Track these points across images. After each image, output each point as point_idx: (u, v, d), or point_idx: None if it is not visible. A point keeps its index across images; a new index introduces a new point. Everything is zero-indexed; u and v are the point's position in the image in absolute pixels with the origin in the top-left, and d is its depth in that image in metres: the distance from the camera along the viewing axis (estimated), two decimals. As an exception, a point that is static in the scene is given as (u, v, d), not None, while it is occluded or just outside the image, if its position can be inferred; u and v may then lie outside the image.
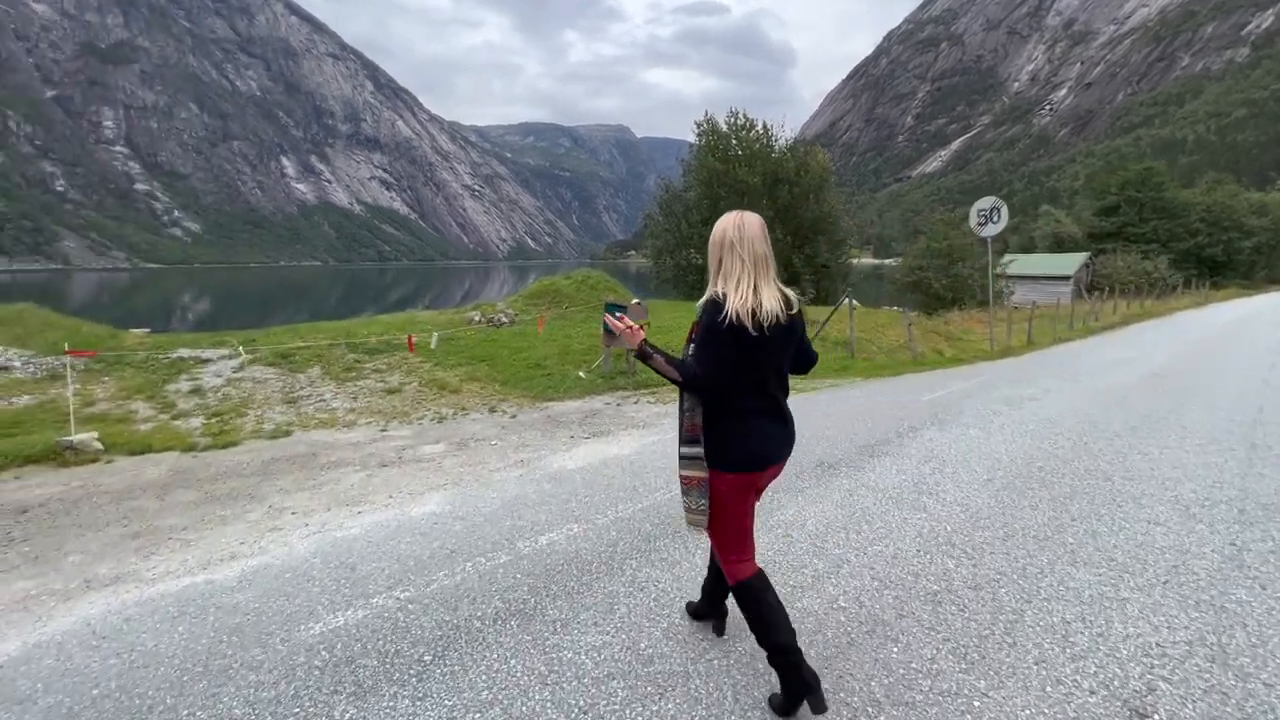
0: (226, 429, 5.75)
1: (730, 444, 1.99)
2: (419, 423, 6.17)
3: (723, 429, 1.99)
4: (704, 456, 2.01)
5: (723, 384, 1.94)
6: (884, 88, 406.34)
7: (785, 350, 2.06)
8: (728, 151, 21.97)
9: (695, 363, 1.94)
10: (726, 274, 1.95)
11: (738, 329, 1.88)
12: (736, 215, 2.01)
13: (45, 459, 4.89)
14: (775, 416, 2.08)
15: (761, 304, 1.91)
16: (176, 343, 9.58)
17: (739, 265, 1.94)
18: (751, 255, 1.94)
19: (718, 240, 2.00)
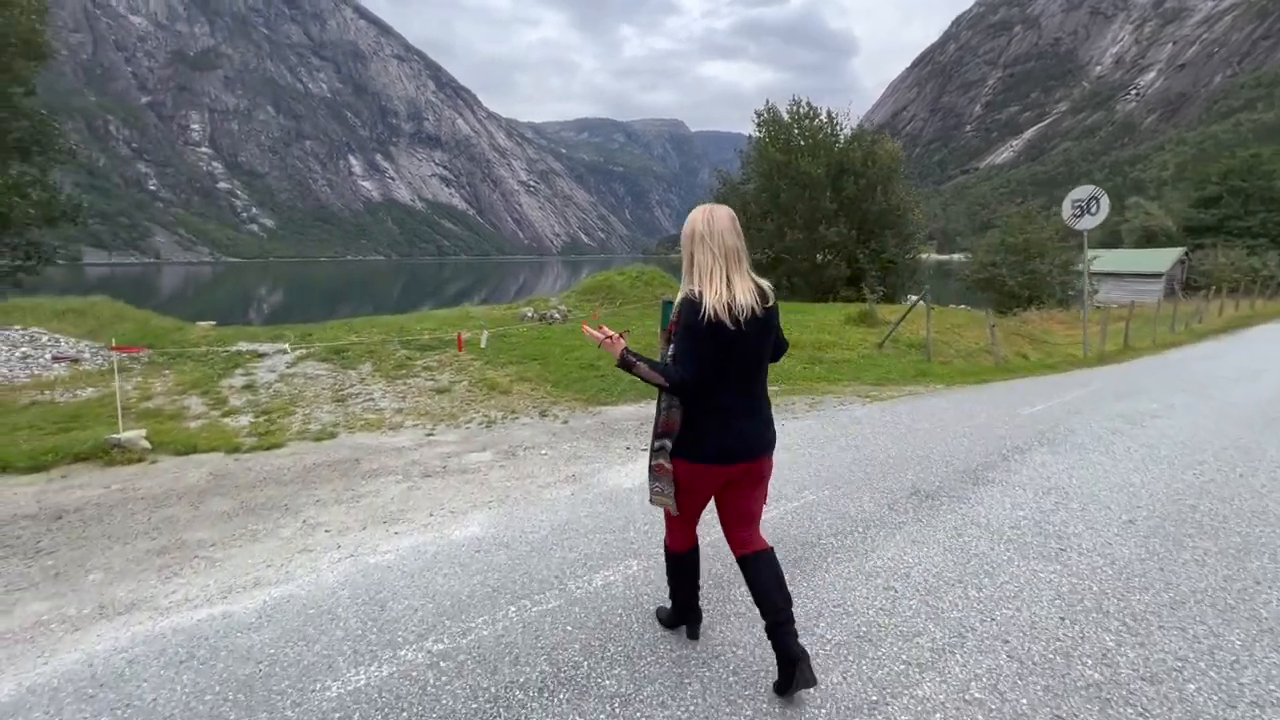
0: (273, 429, 5.57)
1: (706, 440, 2.01)
2: (467, 427, 5.84)
3: (700, 425, 2.01)
4: (670, 450, 2.07)
5: (705, 382, 1.94)
6: (951, 75, 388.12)
7: (763, 343, 2.04)
8: (789, 142, 21.01)
9: (678, 365, 1.94)
10: (699, 269, 1.94)
11: (716, 325, 1.88)
12: (706, 209, 2.00)
13: (94, 456, 4.79)
14: (753, 412, 2.08)
15: (736, 298, 1.91)
16: (238, 336, 9.68)
17: (710, 259, 1.93)
18: (722, 248, 1.93)
19: (688, 235, 1.99)
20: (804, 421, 6.13)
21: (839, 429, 5.78)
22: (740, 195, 22.49)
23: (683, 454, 2.06)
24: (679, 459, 2.07)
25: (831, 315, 13.58)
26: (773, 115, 21.41)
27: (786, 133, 21.25)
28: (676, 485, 2.12)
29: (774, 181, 20.67)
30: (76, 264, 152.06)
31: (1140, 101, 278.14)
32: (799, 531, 3.46)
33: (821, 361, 9.70)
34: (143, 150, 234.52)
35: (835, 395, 7.55)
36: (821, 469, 4.54)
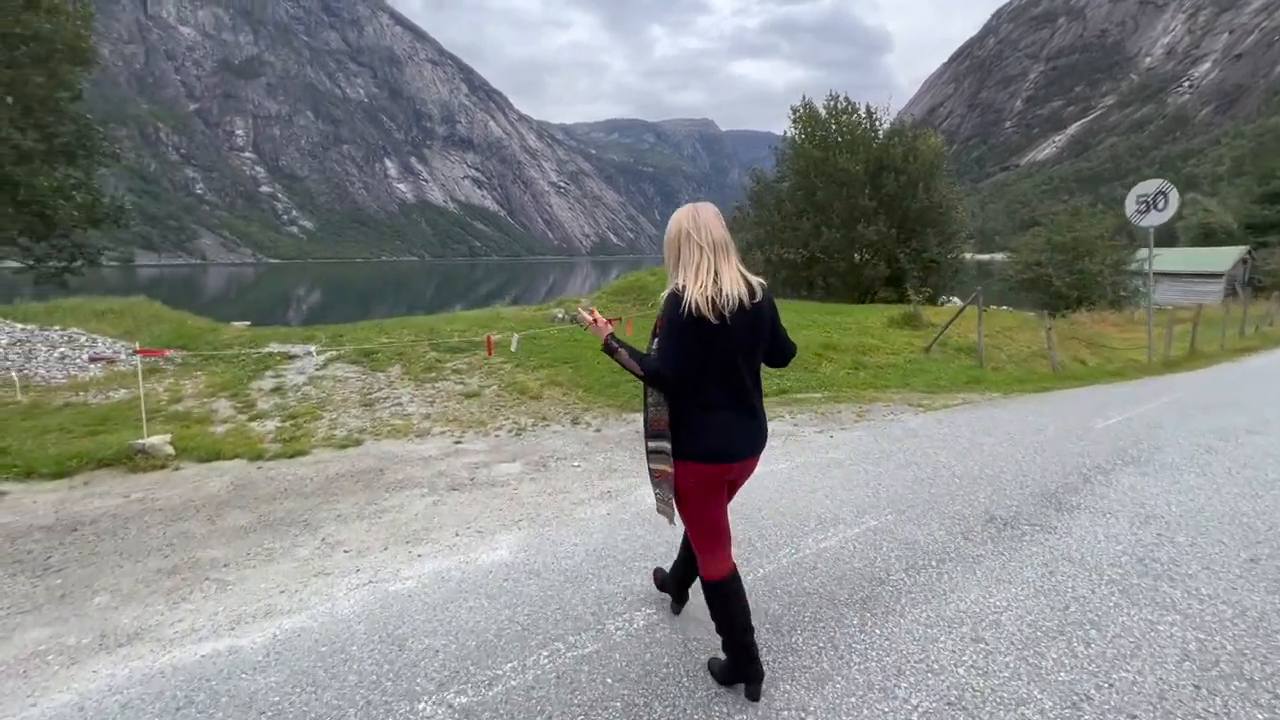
0: (298, 435, 5.39)
1: (694, 437, 1.94)
2: (496, 435, 5.58)
3: (688, 422, 1.95)
4: (669, 451, 1.97)
5: (685, 377, 1.89)
6: (990, 70, 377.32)
7: (752, 338, 1.97)
8: (826, 138, 20.39)
9: (658, 357, 1.90)
10: (685, 264, 1.91)
11: (698, 319, 1.84)
12: (689, 207, 1.98)
13: (118, 462, 4.67)
14: (742, 409, 2.00)
15: (721, 290, 1.86)
16: (270, 337, 9.65)
17: (698, 253, 1.89)
18: (710, 241, 1.90)
19: (673, 235, 1.96)
20: (853, 433, 5.70)
21: (893, 442, 5.34)
22: (775, 194, 21.93)
23: (681, 454, 1.96)
24: (679, 460, 1.96)
25: (873, 317, 13.01)
26: (809, 111, 20.80)
27: (824, 129, 20.63)
28: (677, 493, 2.02)
29: (810, 179, 20.07)
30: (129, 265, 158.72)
31: (1194, 94, 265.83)
32: (863, 564, 3.08)
33: (865, 366, 9.21)
34: (190, 156, 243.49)
35: (884, 403, 7.09)
36: (880, 489, 4.13)
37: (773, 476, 4.38)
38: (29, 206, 10.56)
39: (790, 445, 5.26)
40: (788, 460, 4.78)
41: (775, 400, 7.04)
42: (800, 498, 3.95)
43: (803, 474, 4.43)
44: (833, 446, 5.18)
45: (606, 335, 2.02)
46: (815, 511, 3.73)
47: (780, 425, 5.99)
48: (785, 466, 4.62)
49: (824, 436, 5.57)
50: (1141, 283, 30.44)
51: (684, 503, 2.03)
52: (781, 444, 5.31)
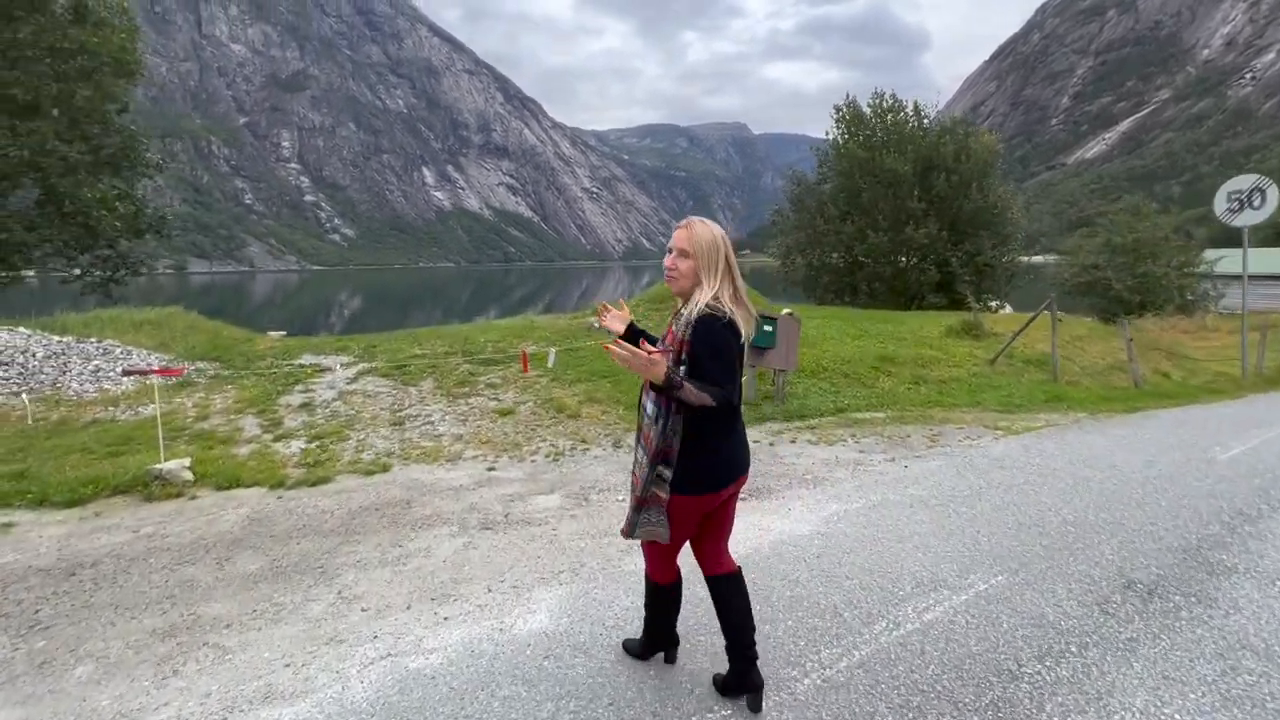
0: (323, 458, 5.04)
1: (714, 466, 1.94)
2: (532, 460, 5.13)
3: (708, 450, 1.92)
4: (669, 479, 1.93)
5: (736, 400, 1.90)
6: (1035, 66, 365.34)
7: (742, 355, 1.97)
8: (871, 138, 19.56)
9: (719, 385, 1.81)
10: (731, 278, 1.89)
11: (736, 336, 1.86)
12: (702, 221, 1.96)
13: (133, 488, 4.37)
14: (741, 428, 2.05)
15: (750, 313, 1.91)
16: (302, 348, 9.47)
17: (735, 272, 1.90)
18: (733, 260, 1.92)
19: (719, 237, 1.92)
20: (930, 462, 5.07)
21: (980, 475, 4.69)
22: (817, 196, 21.17)
23: (684, 489, 1.93)
24: (679, 494, 1.94)
25: (928, 325, 12.21)
26: (853, 111, 20.00)
27: (868, 128, 19.80)
28: (670, 517, 1.98)
29: (854, 180, 19.27)
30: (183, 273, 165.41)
31: (1257, 86, 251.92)
32: (983, 647, 2.49)
33: (927, 381, 8.50)
34: (240, 167, 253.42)
35: (956, 424, 6.40)
36: (981, 539, 3.52)
37: (848, 519, 3.80)
38: (75, 218, 10.67)
39: (860, 476, 4.67)
40: (861, 497, 4.19)
41: (834, 420, 6.43)
42: (886, 549, 3.37)
43: (883, 516, 3.84)
44: (910, 480, 4.57)
45: (665, 371, 1.73)
46: (909, 569, 3.14)
47: (844, 451, 5.39)
48: (860, 506, 4.03)
49: (897, 466, 4.95)
50: (1211, 286, 28.48)
51: (677, 529, 2.01)
52: (850, 475, 4.72)
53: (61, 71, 10.75)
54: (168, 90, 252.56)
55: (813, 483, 4.53)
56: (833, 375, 8.16)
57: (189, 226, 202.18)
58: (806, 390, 7.46)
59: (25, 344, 7.21)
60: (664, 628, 2.34)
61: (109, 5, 11.77)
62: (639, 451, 2.00)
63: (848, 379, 8.14)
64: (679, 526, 2.00)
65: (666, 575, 2.21)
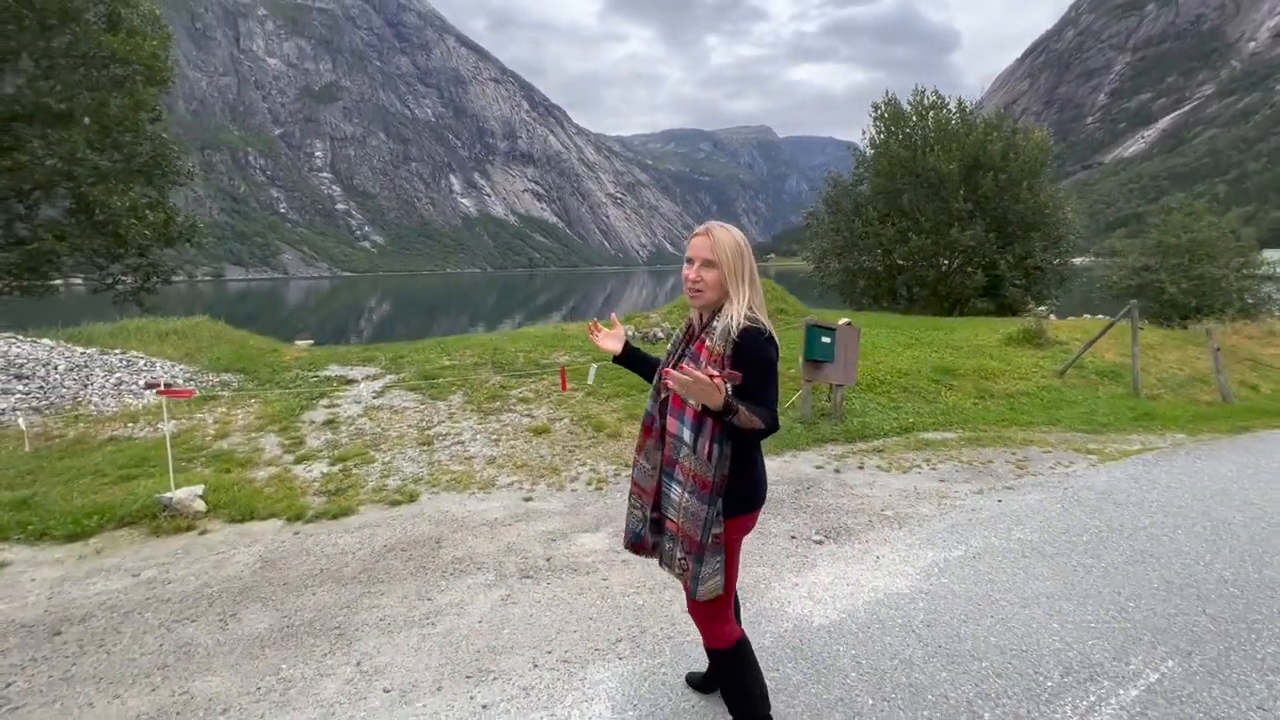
0: (346, 485, 4.61)
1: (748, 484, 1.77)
2: (572, 488, 4.63)
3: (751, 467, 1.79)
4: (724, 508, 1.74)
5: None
6: (1069, 64, 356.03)
7: None
8: (912, 136, 18.75)
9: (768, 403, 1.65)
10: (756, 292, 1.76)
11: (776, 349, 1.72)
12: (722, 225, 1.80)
13: (141, 519, 3.99)
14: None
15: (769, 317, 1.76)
16: (329, 358, 9.17)
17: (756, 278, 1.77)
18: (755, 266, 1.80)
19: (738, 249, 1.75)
20: (1026, 495, 4.42)
21: (1090, 513, 4.04)
22: (854, 198, 20.41)
23: (736, 510, 1.75)
24: (729, 519, 1.74)
25: (983, 333, 11.44)
26: (893, 108, 19.21)
27: (908, 126, 18.99)
28: (725, 552, 1.77)
29: (895, 181, 18.47)
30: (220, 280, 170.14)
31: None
32: (1185, 774, 1.89)
33: (993, 395, 7.80)
34: (275, 177, 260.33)
35: (1040, 447, 5.73)
36: (1126, 602, 2.90)
37: (952, 571, 3.21)
38: (105, 226, 10.57)
39: (950, 513, 4.06)
40: (959, 542, 3.59)
41: (901, 442, 5.80)
42: (1011, 616, 2.77)
43: (993, 569, 3.24)
44: (1011, 519, 3.94)
45: (724, 397, 1.54)
46: (1048, 646, 2.55)
47: (922, 480, 4.78)
48: (961, 554, 3.43)
49: (988, 500, 4.32)
50: (1277, 288, 26.91)
51: (732, 563, 1.82)
52: (937, 511, 4.11)
53: (95, 80, 10.70)
54: (207, 104, 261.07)
55: (896, 521, 3.94)
56: (890, 389, 7.52)
57: (226, 235, 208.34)
58: (864, 406, 6.84)
59: (48, 356, 7.00)
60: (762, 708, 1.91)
61: (142, 14, 11.73)
62: (673, 489, 1.74)
63: (907, 393, 7.49)
64: (733, 558, 1.81)
65: (728, 634, 1.88)
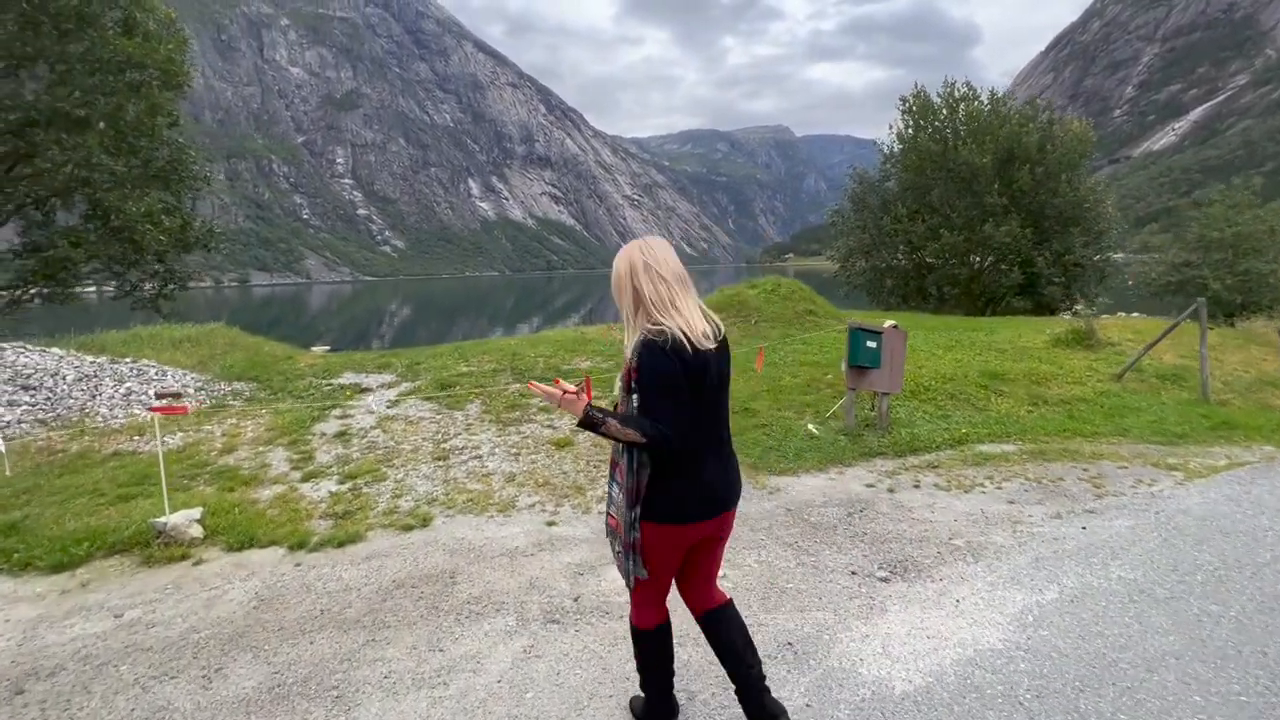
0: (355, 507, 4.25)
1: (680, 497, 1.79)
2: (599, 509, 4.22)
3: (671, 480, 1.77)
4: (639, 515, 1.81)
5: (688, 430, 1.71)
6: (1095, 56, 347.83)
7: (720, 375, 1.83)
8: (942, 130, 18.09)
9: (656, 418, 1.67)
10: (653, 302, 1.74)
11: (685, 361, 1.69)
12: (638, 242, 1.84)
13: (133, 547, 3.67)
14: (721, 459, 1.90)
15: (692, 325, 1.74)
16: (344, 365, 8.88)
17: (663, 287, 1.74)
18: (672, 273, 1.77)
19: (625, 271, 1.78)
20: (1113, 521, 3.91)
21: (1195, 544, 3.52)
22: (881, 194, 19.77)
23: (652, 516, 1.79)
24: (647, 522, 1.80)
25: (1026, 333, 10.82)
26: (922, 101, 18.55)
27: (938, 119, 18.32)
28: (645, 552, 1.83)
29: (924, 176, 17.82)
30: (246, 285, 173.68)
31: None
32: None
33: (1047, 401, 7.23)
34: (298, 184, 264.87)
35: (1113, 461, 5.18)
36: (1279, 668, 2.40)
37: (1050, 621, 2.72)
38: (121, 233, 10.45)
39: (1031, 544, 3.56)
40: (1050, 581, 3.10)
41: (956, 456, 5.30)
42: (1139, 684, 2.29)
43: (1100, 618, 2.75)
44: (1105, 552, 3.44)
45: (584, 406, 1.69)
46: (1196, 729, 2.07)
47: (988, 501, 4.28)
48: (1055, 596, 2.94)
49: (1072, 527, 3.81)
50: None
51: (654, 563, 1.85)
52: (1013, 540, 3.62)
53: (111, 85, 10.59)
54: (233, 114, 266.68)
55: (969, 553, 3.46)
56: (936, 395, 7.00)
57: (251, 241, 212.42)
58: (911, 415, 6.34)
59: (56, 366, 6.79)
60: (660, 686, 2.07)
61: (158, 18, 11.63)
62: (614, 488, 1.88)
63: (955, 400, 6.96)
64: (653, 558, 1.85)
65: (649, 618, 1.99)
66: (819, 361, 8.31)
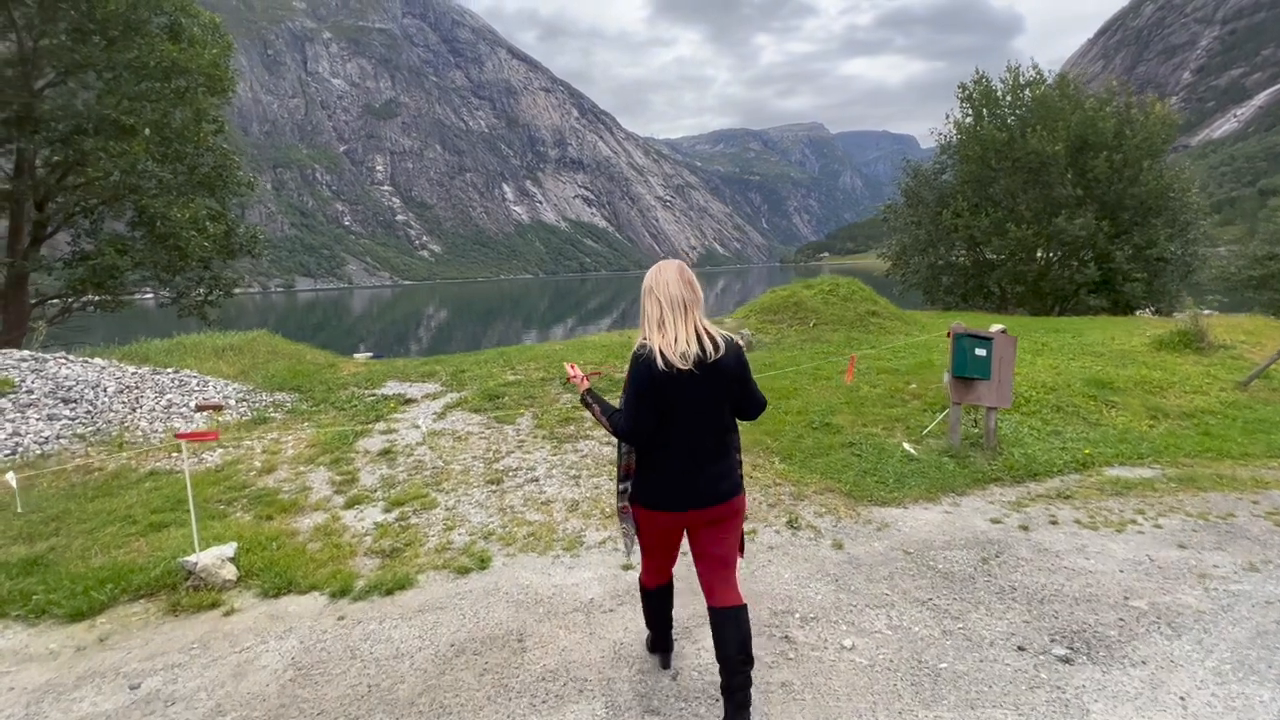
0: (403, 543, 3.76)
1: (655, 487, 2.10)
2: (681, 550, 3.63)
3: (648, 472, 2.11)
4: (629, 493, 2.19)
5: (644, 431, 2.02)
6: (1149, 41, 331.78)
7: (715, 391, 2.04)
8: (1007, 117, 16.94)
9: (621, 413, 2.05)
10: (647, 319, 2.04)
11: (655, 373, 1.95)
12: (656, 266, 2.09)
13: (160, 590, 3.25)
14: (700, 460, 2.08)
15: (677, 345, 1.95)
16: (388, 373, 8.53)
17: (657, 309, 2.01)
18: (668, 298, 2.00)
19: (643, 290, 2.07)
20: (1330, 575, 3.12)
21: None
22: (936, 189, 18.69)
23: (637, 499, 2.15)
24: (635, 504, 2.17)
25: (1121, 335, 9.82)
26: (984, 88, 17.40)
27: (1001, 107, 17.17)
28: (637, 526, 2.24)
29: (987, 168, 16.71)
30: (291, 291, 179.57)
31: None
32: None
33: (1166, 414, 6.33)
34: (340, 192, 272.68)
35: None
36: None
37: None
38: (166, 240, 10.37)
39: (1240, 609, 2.82)
40: None
41: (1086, 482, 4.53)
42: None
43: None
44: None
45: (584, 389, 2.25)
46: None
47: (1154, 545, 3.53)
48: None
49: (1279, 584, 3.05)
50: None
51: (641, 537, 2.27)
52: (1207, 599, 2.88)
53: (158, 92, 10.54)
54: (278, 125, 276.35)
55: (1163, 622, 2.74)
56: (1040, 408, 6.19)
57: (297, 248, 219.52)
58: (1016, 431, 5.57)
59: (97, 378, 6.57)
60: (659, 629, 2.51)
61: (202, 23, 11.58)
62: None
63: (1062, 414, 6.14)
64: (645, 536, 2.25)
65: (649, 580, 2.41)
66: (896, 369, 7.56)
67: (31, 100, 9.64)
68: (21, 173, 9.73)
